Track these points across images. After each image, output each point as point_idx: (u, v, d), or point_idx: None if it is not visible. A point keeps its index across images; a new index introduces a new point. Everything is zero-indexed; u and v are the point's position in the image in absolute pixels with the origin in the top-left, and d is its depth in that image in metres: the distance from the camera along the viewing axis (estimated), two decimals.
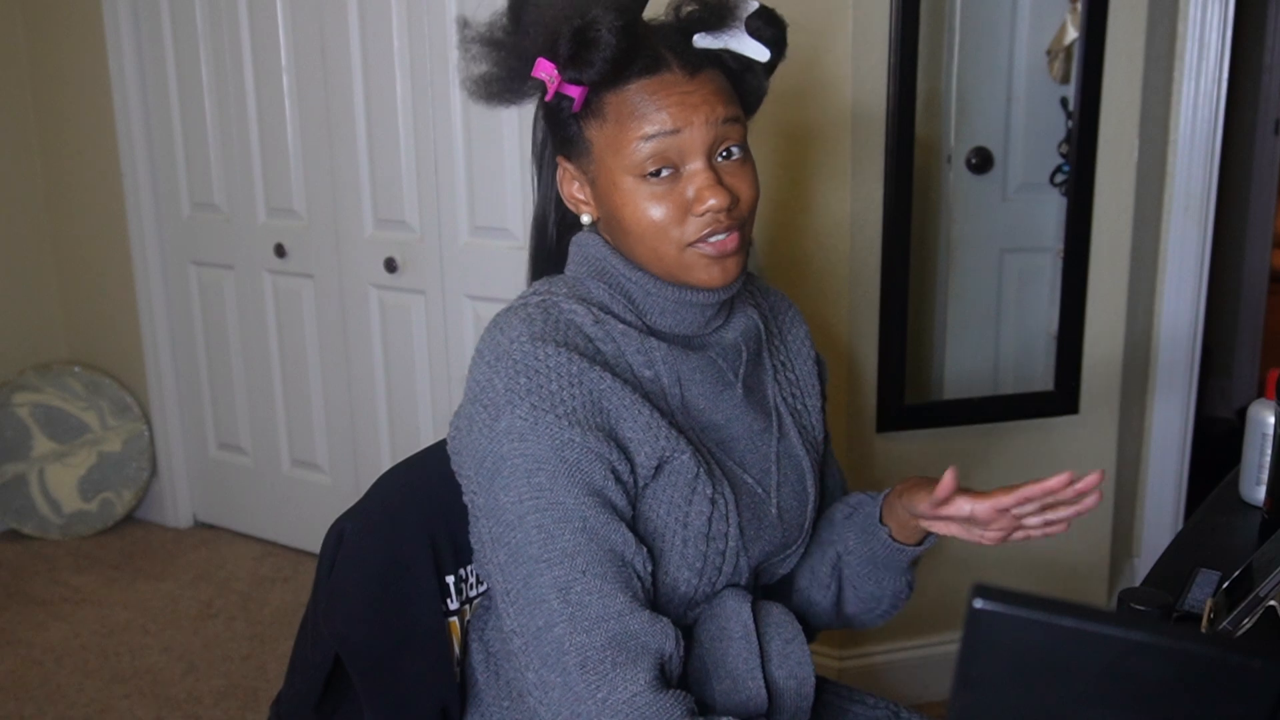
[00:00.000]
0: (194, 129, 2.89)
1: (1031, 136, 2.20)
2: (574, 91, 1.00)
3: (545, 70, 0.99)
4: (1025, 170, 2.22)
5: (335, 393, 2.85)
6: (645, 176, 1.00)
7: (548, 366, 0.98)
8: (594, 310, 1.04)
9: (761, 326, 1.16)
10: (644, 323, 1.07)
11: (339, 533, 1.18)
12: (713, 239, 1.01)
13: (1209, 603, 1.08)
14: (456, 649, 1.20)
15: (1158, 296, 2.38)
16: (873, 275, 2.03)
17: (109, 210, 3.04)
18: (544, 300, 1.05)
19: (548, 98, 1.01)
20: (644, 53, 0.99)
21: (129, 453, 3.16)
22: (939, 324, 2.29)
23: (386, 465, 1.31)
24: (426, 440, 2.65)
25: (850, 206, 2.00)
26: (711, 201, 0.99)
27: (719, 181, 1.00)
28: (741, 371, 1.12)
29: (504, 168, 2.41)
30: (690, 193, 1.00)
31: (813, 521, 1.18)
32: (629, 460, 1.00)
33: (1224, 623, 1.04)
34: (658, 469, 1.02)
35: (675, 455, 1.02)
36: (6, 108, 3.07)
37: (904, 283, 2.04)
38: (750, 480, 1.11)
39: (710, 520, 1.04)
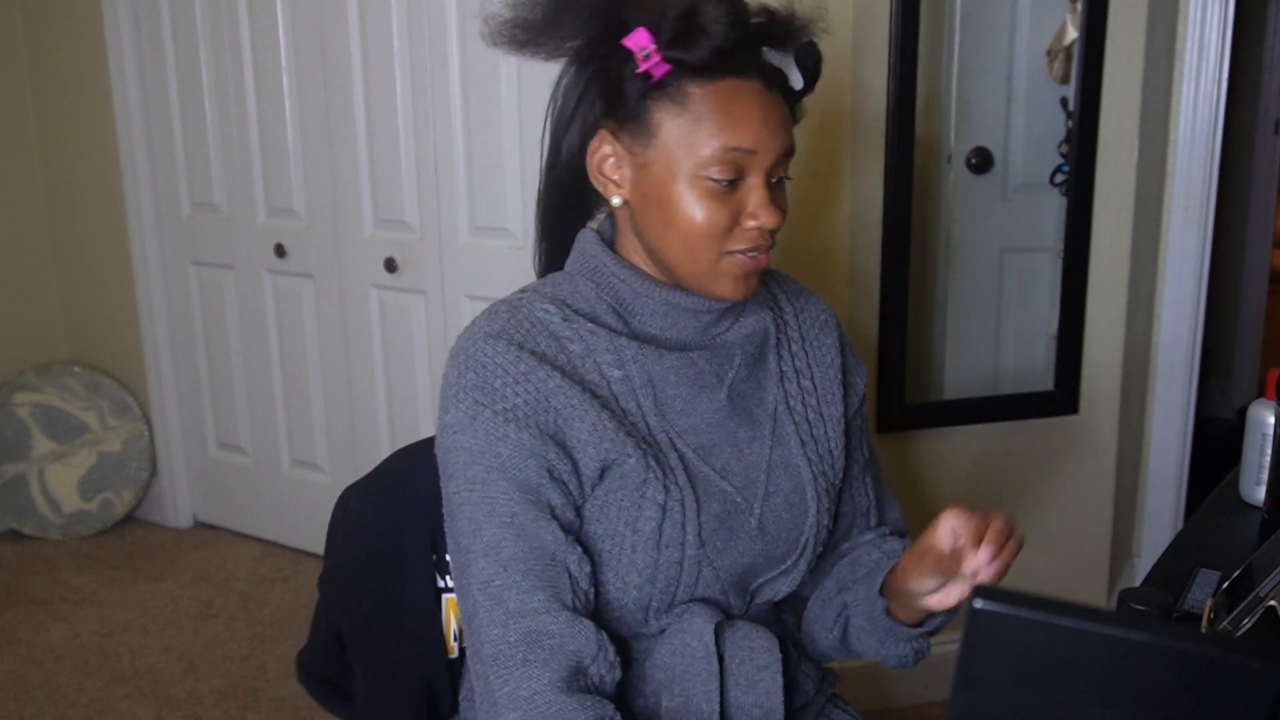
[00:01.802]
0: (194, 129, 2.89)
1: (1031, 136, 2.20)
2: (660, 70, 0.97)
3: (641, 41, 0.96)
4: (1025, 170, 2.22)
5: (335, 393, 2.85)
6: (710, 179, 0.98)
7: (495, 363, 1.00)
8: (565, 310, 1.04)
9: (772, 330, 1.12)
10: (628, 324, 1.06)
11: (345, 504, 1.24)
12: (751, 253, 1.01)
13: (1209, 603, 1.08)
14: (454, 625, 1.23)
15: (1158, 296, 2.38)
16: (873, 275, 2.03)
17: (109, 210, 3.04)
18: (520, 299, 1.05)
19: (639, 70, 0.97)
20: (742, 53, 0.98)
21: (129, 453, 3.16)
22: (939, 324, 2.29)
23: None
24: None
25: (850, 206, 2.00)
26: (765, 220, 1.00)
27: (773, 201, 1.00)
28: (730, 375, 1.08)
29: (504, 168, 2.41)
30: (748, 206, 1.00)
31: (818, 540, 1.12)
32: (572, 461, 1.00)
33: (1224, 623, 1.04)
34: (604, 471, 1.01)
35: (621, 459, 1.00)
36: (6, 108, 3.07)
37: (904, 283, 2.04)
38: (729, 488, 1.07)
39: (661, 527, 1.01)
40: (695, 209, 0.99)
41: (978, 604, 0.55)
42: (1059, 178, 2.18)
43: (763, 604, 1.13)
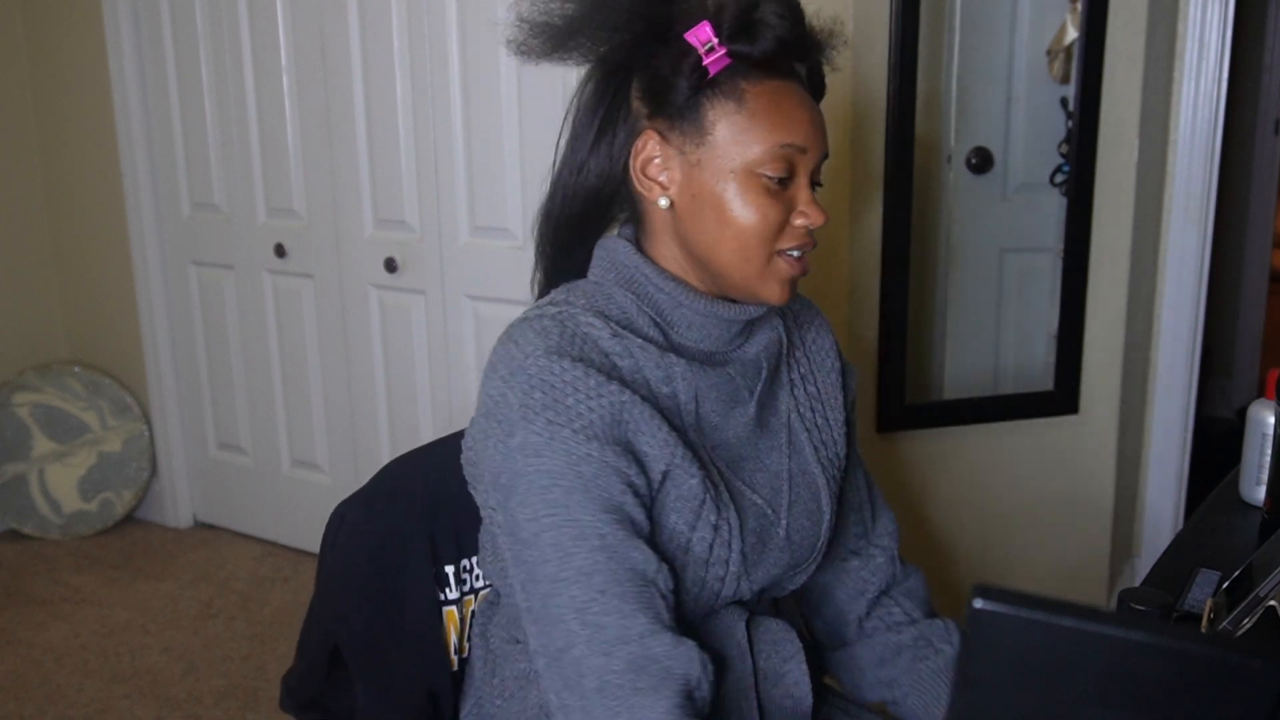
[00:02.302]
0: (194, 129, 2.89)
1: (1031, 136, 2.20)
2: (717, 66, 0.97)
3: (704, 35, 0.97)
4: (1025, 170, 2.22)
5: (335, 393, 2.85)
6: (765, 175, 0.99)
7: (564, 381, 0.95)
8: (612, 325, 1.00)
9: (784, 339, 1.12)
10: (666, 337, 1.03)
11: (340, 516, 1.21)
12: (797, 252, 1.02)
13: (1209, 603, 1.08)
14: (454, 637, 1.22)
15: (1158, 296, 2.38)
16: (873, 275, 2.03)
17: (109, 210, 3.04)
18: (560, 312, 1.00)
19: (703, 62, 0.97)
20: (791, 54, 1.00)
21: (129, 453, 3.16)
22: (939, 324, 2.29)
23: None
24: (427, 440, 2.64)
25: (850, 206, 1.99)
26: (814, 218, 1.01)
27: (815, 202, 1.02)
28: (759, 389, 1.07)
29: (504, 168, 2.41)
30: (798, 205, 1.01)
31: (828, 540, 1.13)
32: (645, 475, 0.97)
33: (1224, 623, 1.04)
34: (662, 483, 0.99)
35: (685, 477, 0.98)
36: (6, 108, 3.07)
37: (904, 283, 2.04)
38: (760, 501, 1.06)
39: (712, 546, 1.00)
40: (750, 206, 0.99)
41: (978, 604, 0.55)
42: (1059, 178, 2.18)
43: (770, 600, 1.14)
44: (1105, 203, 2.12)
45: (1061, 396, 2.19)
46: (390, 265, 2.62)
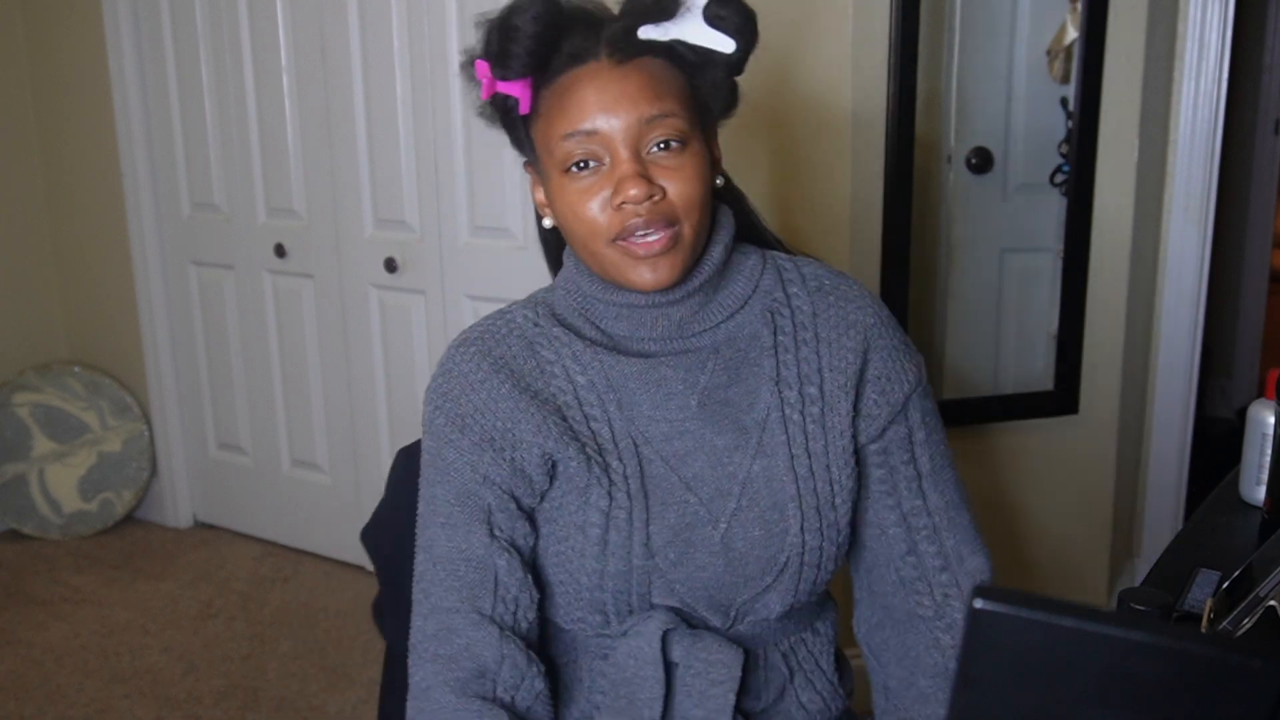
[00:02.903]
0: (194, 129, 2.89)
1: (1031, 136, 2.20)
2: (515, 91, 0.99)
3: (481, 71, 0.99)
4: (1025, 170, 2.22)
5: (335, 393, 2.85)
6: (570, 171, 0.97)
7: (458, 370, 1.04)
8: (542, 316, 1.06)
9: (769, 333, 1.05)
10: (599, 329, 1.05)
11: (400, 460, 1.31)
12: (639, 237, 0.96)
13: (1209, 603, 1.08)
14: None
15: (1158, 296, 2.38)
16: (873, 275, 2.03)
17: (109, 210, 3.04)
18: (509, 306, 1.09)
19: (484, 97, 1.01)
20: (568, 42, 0.97)
21: (129, 453, 3.16)
22: (939, 324, 2.29)
23: (387, 465, 1.36)
24: None
25: (850, 206, 1.99)
26: (633, 192, 0.94)
27: (641, 174, 0.95)
28: (704, 381, 1.03)
29: (504, 167, 2.41)
30: (613, 185, 0.96)
31: (804, 561, 1.03)
32: (516, 467, 1.02)
33: (1224, 623, 1.04)
34: (553, 472, 1.03)
35: (564, 460, 1.01)
36: (6, 108, 3.07)
37: (904, 283, 2.04)
38: (692, 499, 1.01)
39: (605, 535, 1.00)
40: (567, 205, 0.99)
41: (978, 604, 0.55)
42: (1059, 178, 2.18)
43: (757, 621, 1.06)
44: (1105, 203, 2.12)
45: (1061, 396, 2.19)
46: (390, 265, 2.62)
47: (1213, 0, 2.22)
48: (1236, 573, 1.14)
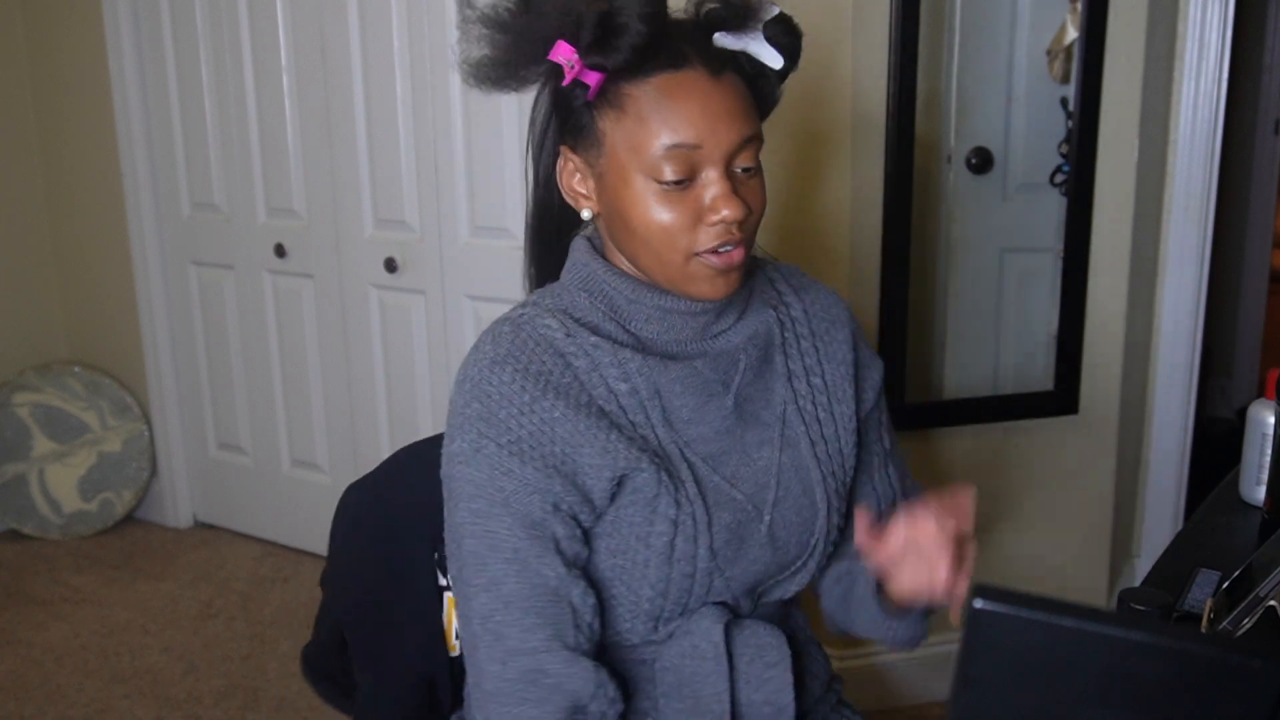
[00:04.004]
0: (194, 129, 2.89)
1: (1031, 136, 2.20)
2: (591, 79, 0.96)
3: (564, 54, 0.95)
4: (1025, 170, 2.22)
5: (335, 393, 2.85)
6: (661, 180, 0.97)
7: (500, 393, 0.97)
8: (569, 324, 1.02)
9: (777, 329, 1.10)
10: (629, 332, 1.04)
11: (346, 501, 1.25)
12: (721, 251, 0.98)
13: (1209, 603, 1.08)
14: (456, 624, 1.23)
15: (1158, 296, 2.38)
16: (873, 275, 2.03)
17: (109, 210, 3.04)
18: (522, 315, 1.03)
19: (564, 82, 0.97)
20: (669, 44, 0.96)
21: (129, 453, 3.16)
22: (939, 324, 2.29)
23: None
24: None
25: (850, 207, 1.99)
26: (726, 213, 0.96)
27: (735, 192, 0.97)
28: (737, 381, 1.06)
29: (504, 167, 2.41)
30: (706, 201, 0.97)
31: (828, 540, 1.10)
32: (581, 490, 0.98)
33: (1224, 623, 1.04)
34: (618, 489, 1.00)
35: (634, 473, 0.99)
36: (6, 108, 3.07)
37: (904, 283, 2.04)
38: (739, 497, 1.05)
39: (672, 543, 1.00)
40: (652, 213, 0.97)
41: (978, 604, 0.55)
42: (1059, 178, 2.18)
43: (770, 602, 1.12)
44: (1105, 203, 2.12)
45: (1061, 396, 2.19)
46: (390, 265, 2.62)
47: (1213, 0, 2.22)
48: (1236, 573, 1.14)
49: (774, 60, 1.00)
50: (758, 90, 1.02)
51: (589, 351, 1.01)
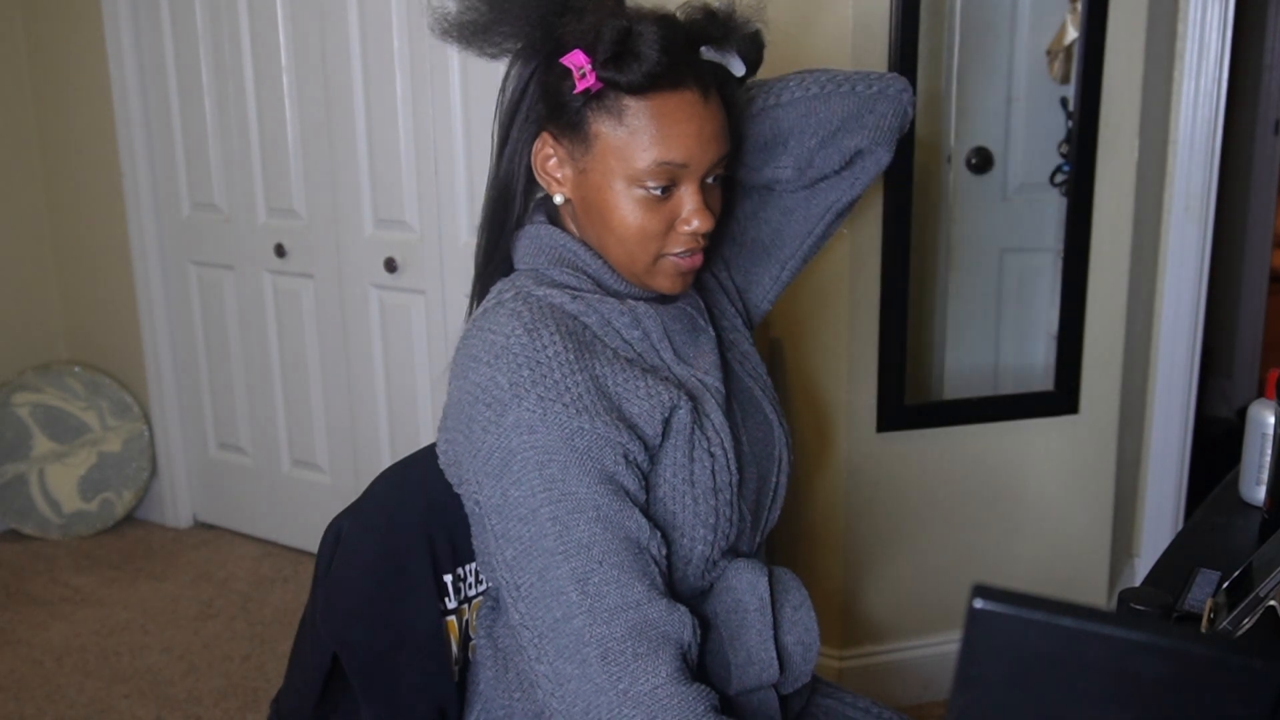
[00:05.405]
0: (194, 129, 2.89)
1: (1031, 136, 2.20)
2: (594, 87, 1.01)
3: (578, 61, 1.00)
4: (1025, 170, 2.22)
5: (335, 393, 2.85)
6: (644, 188, 1.03)
7: (548, 356, 0.98)
8: (568, 290, 1.06)
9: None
10: (607, 288, 1.10)
11: (336, 531, 1.19)
12: (685, 254, 1.07)
13: (1209, 603, 1.08)
14: (455, 649, 1.20)
15: (1158, 296, 2.38)
16: (873, 275, 2.03)
17: (109, 210, 3.04)
18: (517, 294, 1.05)
19: (576, 90, 1.01)
20: (674, 69, 1.01)
21: (129, 453, 3.16)
22: (939, 324, 2.29)
23: (386, 465, 1.30)
24: (426, 440, 2.64)
25: None
26: (697, 224, 1.05)
27: (706, 205, 1.05)
28: (713, 314, 1.17)
29: None
30: (681, 212, 1.05)
31: (787, 448, 1.19)
32: (640, 439, 1.01)
33: (1224, 623, 1.04)
34: (664, 432, 1.03)
35: (676, 412, 1.03)
36: (6, 108, 3.07)
37: (904, 283, 2.04)
38: (749, 423, 1.15)
39: (713, 473, 1.05)
40: (631, 216, 1.04)
41: (978, 604, 0.55)
42: (1059, 178, 2.18)
43: (758, 547, 1.18)
44: (1105, 203, 2.12)
45: (1061, 396, 2.19)
46: (390, 265, 2.62)
47: (1213, 0, 2.22)
48: (1236, 573, 1.14)
49: (738, 68, 1.08)
50: (726, 98, 1.08)
51: (596, 307, 1.06)
